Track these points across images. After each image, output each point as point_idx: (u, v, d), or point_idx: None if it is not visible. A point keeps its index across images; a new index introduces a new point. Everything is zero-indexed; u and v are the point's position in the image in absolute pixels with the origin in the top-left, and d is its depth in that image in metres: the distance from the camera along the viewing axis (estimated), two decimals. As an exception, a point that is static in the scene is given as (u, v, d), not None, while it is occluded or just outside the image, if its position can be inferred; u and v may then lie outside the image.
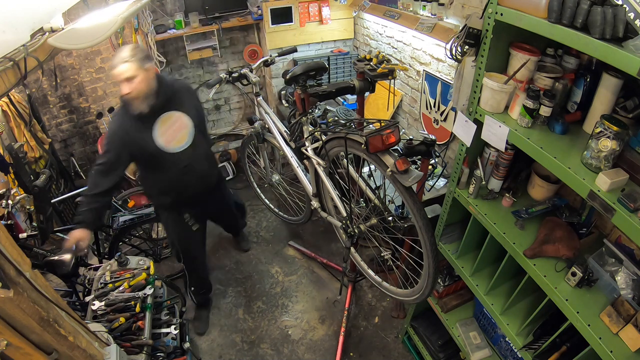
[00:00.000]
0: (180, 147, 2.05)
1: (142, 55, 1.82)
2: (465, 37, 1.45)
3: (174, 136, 2.01)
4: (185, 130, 2.05)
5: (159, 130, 1.96)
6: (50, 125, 3.64)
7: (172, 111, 1.99)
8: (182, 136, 2.04)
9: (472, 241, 1.71)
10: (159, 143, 1.97)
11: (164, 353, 1.75)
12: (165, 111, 1.96)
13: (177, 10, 3.58)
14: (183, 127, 2.04)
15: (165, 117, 1.97)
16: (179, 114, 2.01)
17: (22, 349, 1.06)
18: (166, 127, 1.98)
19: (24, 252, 1.10)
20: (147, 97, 1.87)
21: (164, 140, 1.97)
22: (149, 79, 1.85)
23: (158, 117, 1.95)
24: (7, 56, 1.29)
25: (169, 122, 1.99)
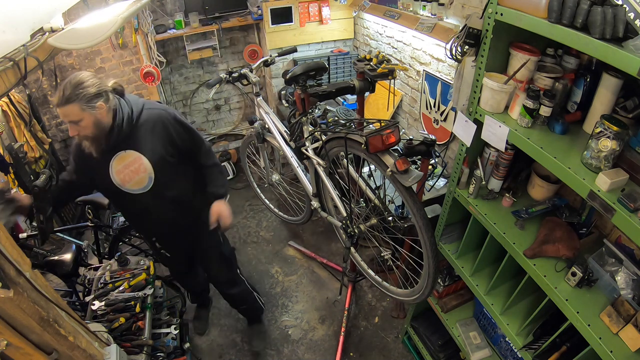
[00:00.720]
0: (138, 190, 1.76)
1: (90, 93, 1.50)
2: (465, 37, 1.45)
3: (132, 177, 1.73)
4: (143, 174, 1.73)
5: (115, 168, 1.70)
6: (50, 125, 3.64)
7: (130, 150, 1.69)
8: (140, 179, 1.74)
9: (472, 241, 1.71)
10: (115, 181, 1.72)
11: (164, 353, 1.75)
12: (122, 149, 1.68)
13: (177, 10, 3.59)
14: (141, 170, 1.72)
15: (122, 156, 1.69)
16: (137, 155, 1.69)
17: (22, 349, 1.06)
18: (122, 166, 1.71)
19: (24, 252, 1.10)
20: (95, 140, 1.61)
21: (120, 179, 1.72)
22: (99, 120, 1.56)
23: (114, 154, 1.68)
24: (7, 56, 1.29)
25: (125, 161, 1.70)
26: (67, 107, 1.49)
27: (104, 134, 1.62)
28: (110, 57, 3.64)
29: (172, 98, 4.12)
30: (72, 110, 1.50)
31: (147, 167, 1.73)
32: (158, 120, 1.74)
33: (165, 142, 1.74)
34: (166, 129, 1.74)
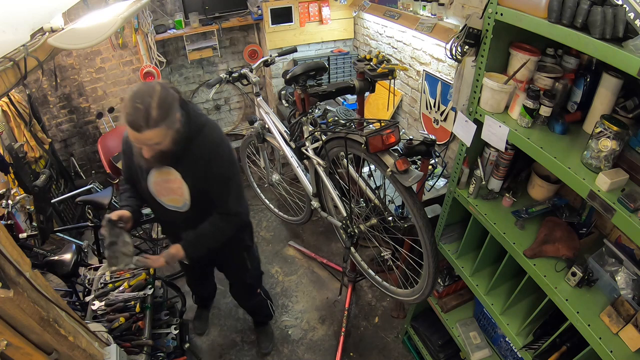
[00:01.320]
0: (171, 206, 1.66)
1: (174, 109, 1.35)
2: (465, 37, 1.45)
3: (167, 193, 1.63)
4: (180, 197, 1.61)
5: (154, 179, 1.60)
6: (50, 125, 3.64)
7: (172, 169, 1.54)
8: (176, 199, 1.63)
9: (472, 241, 1.71)
10: (150, 188, 1.63)
11: (164, 353, 1.75)
12: (165, 165, 1.53)
13: (177, 10, 3.59)
14: (178, 192, 1.60)
15: (163, 171, 1.56)
16: (178, 176, 1.55)
17: (22, 349, 1.07)
18: (161, 180, 1.59)
19: (24, 252, 1.10)
20: (163, 158, 1.46)
21: (156, 190, 1.63)
22: (176, 134, 1.41)
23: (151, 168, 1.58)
24: (7, 56, 1.29)
25: (165, 177, 1.58)
26: (155, 130, 1.29)
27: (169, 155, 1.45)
28: (110, 57, 3.64)
29: (172, 98, 4.12)
30: (158, 134, 1.32)
31: (184, 193, 1.59)
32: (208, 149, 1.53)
33: (202, 176, 1.56)
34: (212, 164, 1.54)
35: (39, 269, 1.69)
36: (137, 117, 1.26)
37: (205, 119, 1.57)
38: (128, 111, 1.27)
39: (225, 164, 1.58)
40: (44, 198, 2.24)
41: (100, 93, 3.78)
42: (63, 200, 3.04)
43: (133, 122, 1.27)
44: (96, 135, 3.90)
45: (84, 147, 3.96)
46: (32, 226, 2.50)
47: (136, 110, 1.26)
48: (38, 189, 2.12)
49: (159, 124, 1.29)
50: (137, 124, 1.27)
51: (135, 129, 1.28)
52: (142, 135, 1.30)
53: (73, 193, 3.02)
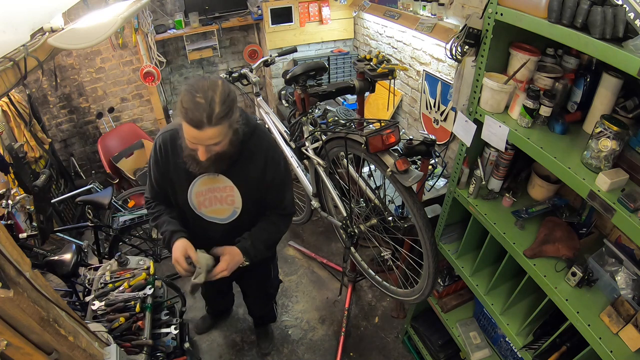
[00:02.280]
0: (212, 218, 1.53)
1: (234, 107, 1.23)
2: (465, 37, 1.45)
3: (212, 204, 1.49)
4: (229, 206, 1.49)
5: (197, 188, 1.46)
6: (50, 125, 3.64)
7: (222, 176, 1.43)
8: (222, 210, 1.50)
9: (472, 241, 1.71)
10: (190, 200, 1.48)
11: (164, 353, 1.75)
12: (213, 172, 1.40)
13: (177, 10, 3.59)
14: (228, 201, 1.48)
15: (210, 179, 1.43)
16: (229, 184, 1.44)
17: (22, 349, 1.06)
18: (206, 189, 1.46)
19: (24, 252, 1.10)
20: (220, 161, 1.34)
21: (197, 202, 1.48)
22: (232, 141, 1.30)
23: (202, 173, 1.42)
24: (7, 56, 1.29)
25: (211, 185, 1.45)
26: (218, 127, 1.17)
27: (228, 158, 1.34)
28: (110, 57, 3.64)
29: (172, 98, 4.12)
30: (219, 132, 1.20)
31: (236, 200, 1.48)
32: (264, 153, 1.44)
33: (259, 180, 1.46)
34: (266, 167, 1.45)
35: (39, 269, 1.69)
36: (199, 112, 1.13)
37: (255, 121, 1.49)
38: (188, 106, 1.14)
39: (282, 166, 1.52)
40: (44, 198, 2.25)
41: (100, 93, 3.78)
42: (63, 200, 3.04)
43: (194, 118, 1.14)
44: (96, 135, 3.91)
45: (84, 147, 3.96)
46: (32, 226, 2.50)
47: (197, 105, 1.13)
48: (38, 189, 2.13)
49: (221, 121, 1.17)
50: (199, 120, 1.14)
51: (196, 125, 1.15)
52: (202, 133, 1.17)
53: (73, 193, 3.02)
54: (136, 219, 2.56)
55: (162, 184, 1.52)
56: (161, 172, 1.48)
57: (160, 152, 1.44)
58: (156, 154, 1.46)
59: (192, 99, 1.15)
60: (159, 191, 1.56)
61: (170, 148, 1.42)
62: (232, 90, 1.24)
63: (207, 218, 1.54)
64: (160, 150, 1.44)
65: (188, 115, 1.15)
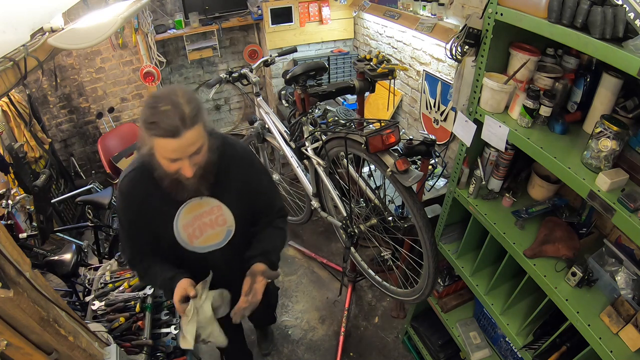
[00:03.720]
0: (208, 246, 1.39)
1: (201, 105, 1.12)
2: (465, 37, 1.45)
3: (203, 231, 1.36)
4: (221, 227, 1.37)
5: (183, 220, 1.31)
6: (50, 125, 3.64)
7: (208, 197, 1.31)
8: (215, 234, 1.38)
9: (472, 241, 1.71)
10: (179, 236, 1.33)
11: (164, 353, 1.75)
12: (197, 195, 1.28)
13: (177, 10, 3.59)
14: (219, 222, 1.36)
15: (195, 205, 1.30)
16: (216, 203, 1.33)
17: (22, 349, 1.06)
18: (193, 218, 1.32)
19: (24, 252, 1.10)
20: (206, 176, 1.23)
21: (187, 235, 1.34)
22: (210, 147, 1.20)
23: (186, 200, 1.29)
24: (7, 56, 1.29)
25: (198, 211, 1.32)
26: (195, 129, 1.07)
27: (211, 170, 1.23)
28: (110, 57, 3.64)
29: (172, 98, 4.12)
30: (198, 134, 1.09)
31: (227, 219, 1.37)
32: (241, 161, 1.36)
33: (241, 189, 1.37)
34: (246, 169, 1.37)
35: (39, 269, 1.69)
36: (171, 119, 1.03)
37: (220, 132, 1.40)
38: (155, 120, 1.03)
39: (261, 168, 1.45)
40: (44, 198, 2.25)
41: (100, 93, 3.78)
42: (63, 200, 3.04)
43: (168, 128, 1.03)
44: (96, 135, 3.91)
45: (84, 147, 3.96)
46: (32, 226, 2.51)
47: (165, 113, 1.03)
48: (38, 189, 2.13)
49: (196, 120, 1.07)
50: (174, 127, 1.03)
51: (173, 134, 1.04)
52: (181, 141, 1.06)
53: (73, 193, 3.02)
54: (136, 219, 2.56)
55: (141, 232, 1.35)
56: (137, 218, 1.32)
57: (130, 195, 1.29)
58: (126, 200, 1.30)
59: (157, 111, 1.04)
60: (139, 243, 1.38)
61: (140, 186, 1.26)
62: (194, 92, 1.17)
63: (202, 250, 1.38)
64: (130, 193, 1.28)
65: (160, 128, 1.04)
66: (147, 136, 1.07)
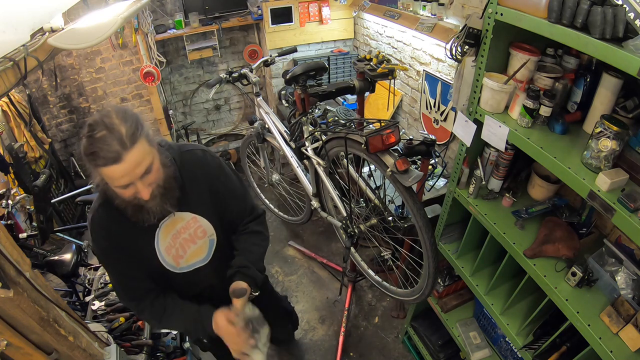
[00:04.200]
0: (196, 263, 1.34)
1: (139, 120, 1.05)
2: (465, 37, 1.45)
3: (186, 248, 1.31)
4: (202, 239, 1.32)
5: (162, 243, 1.26)
6: (50, 125, 3.64)
7: (180, 212, 1.25)
8: (198, 248, 1.33)
9: (472, 241, 1.71)
10: (164, 261, 1.28)
11: (164, 353, 1.75)
12: (169, 212, 1.22)
13: (177, 10, 3.59)
14: (199, 234, 1.31)
15: (170, 222, 1.25)
16: (190, 216, 1.28)
17: (22, 349, 1.07)
18: (172, 237, 1.27)
19: (24, 252, 1.10)
20: (168, 193, 1.16)
21: (172, 258, 1.29)
22: (163, 162, 1.14)
23: (159, 222, 1.23)
24: (7, 56, 1.29)
25: (176, 228, 1.27)
26: (136, 147, 1.00)
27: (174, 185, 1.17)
28: (110, 57, 3.64)
29: (172, 98, 4.12)
30: (142, 151, 1.02)
31: (206, 229, 1.32)
32: (203, 166, 1.30)
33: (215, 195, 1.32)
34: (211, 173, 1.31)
35: (39, 269, 1.69)
36: (108, 144, 0.96)
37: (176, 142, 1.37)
38: (93, 150, 0.96)
39: (228, 171, 1.39)
40: (44, 198, 2.25)
41: (100, 93, 3.78)
42: (63, 200, 3.04)
43: (108, 155, 0.96)
44: (96, 135, 3.90)
45: (84, 147, 3.96)
46: (32, 226, 2.51)
47: (101, 140, 0.96)
48: (38, 189, 2.13)
49: (135, 138, 1.00)
50: (114, 152, 0.96)
51: (114, 159, 0.97)
52: (125, 165, 0.98)
53: (73, 193, 3.01)
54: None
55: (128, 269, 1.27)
56: (119, 255, 1.24)
57: (103, 233, 1.21)
58: (100, 240, 1.22)
59: (93, 140, 0.97)
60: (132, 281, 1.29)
61: (110, 222, 1.19)
62: (129, 108, 1.07)
63: (188, 269, 1.33)
64: (103, 230, 1.21)
65: (101, 158, 0.96)
66: (92, 168, 1.01)
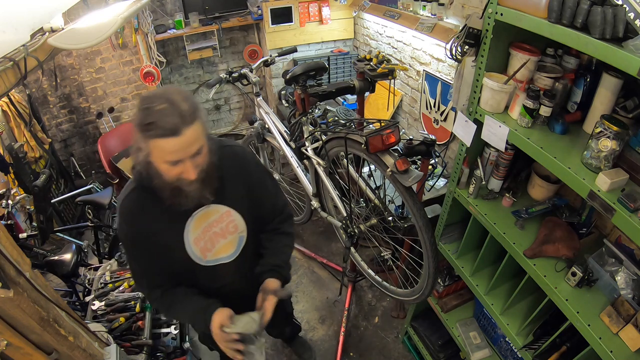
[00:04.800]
0: (222, 258, 1.32)
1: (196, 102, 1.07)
2: (465, 37, 1.45)
3: (215, 242, 1.28)
4: (233, 235, 1.31)
5: (193, 233, 1.24)
6: (50, 125, 3.64)
7: (215, 204, 1.24)
8: (227, 244, 1.31)
9: (472, 241, 1.71)
10: (191, 252, 1.26)
11: (164, 353, 1.75)
12: (204, 204, 1.21)
13: (177, 10, 3.59)
14: (230, 229, 1.29)
15: (204, 214, 1.23)
16: (225, 209, 1.26)
17: (22, 349, 1.07)
18: (203, 229, 1.25)
19: (24, 252, 1.10)
20: (208, 180, 1.14)
21: (199, 250, 1.26)
22: (210, 148, 1.13)
23: (192, 212, 1.22)
24: (7, 56, 1.29)
25: (208, 220, 1.25)
26: (195, 126, 1.01)
27: (214, 171, 1.15)
28: (110, 57, 3.64)
29: (172, 98, 4.12)
30: (198, 131, 1.03)
31: (238, 225, 1.30)
32: (242, 162, 1.30)
33: (250, 192, 1.31)
34: (246, 169, 1.30)
35: (39, 269, 1.69)
36: (169, 117, 0.97)
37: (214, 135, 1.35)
38: (153, 120, 0.97)
39: (263, 168, 1.39)
40: (44, 198, 2.25)
41: (100, 93, 3.78)
42: (63, 200, 3.04)
43: (167, 126, 0.97)
44: (96, 135, 3.91)
45: (84, 147, 3.96)
46: (32, 226, 2.51)
47: (163, 112, 0.97)
48: (38, 189, 2.13)
49: (194, 117, 1.01)
50: (173, 125, 0.97)
51: (173, 132, 0.97)
52: (182, 139, 0.99)
53: (73, 193, 3.02)
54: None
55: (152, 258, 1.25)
56: (145, 241, 1.22)
57: (133, 218, 1.19)
58: (130, 223, 1.20)
59: (153, 111, 0.98)
60: (155, 272, 1.28)
61: (143, 206, 1.18)
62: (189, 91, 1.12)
63: (212, 263, 1.31)
64: (133, 215, 1.19)
65: (159, 127, 0.97)
66: (144, 140, 1.01)
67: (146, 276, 1.30)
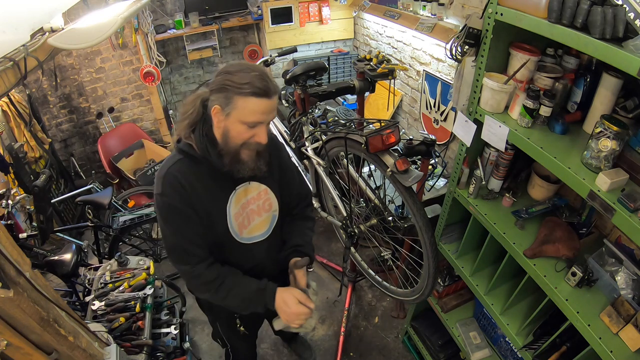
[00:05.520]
0: (255, 237, 1.35)
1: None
2: (465, 37, 1.45)
3: (251, 219, 1.32)
4: (267, 213, 1.35)
5: (234, 208, 1.26)
6: (50, 125, 3.64)
7: (254, 182, 1.28)
8: (262, 222, 1.35)
9: (472, 241, 1.71)
10: (231, 227, 1.27)
11: (164, 353, 1.75)
12: (244, 181, 1.26)
13: (177, 10, 3.59)
14: (265, 207, 1.34)
15: (242, 191, 1.27)
16: (262, 187, 1.31)
17: (22, 349, 1.06)
18: (242, 205, 1.28)
19: (24, 252, 1.10)
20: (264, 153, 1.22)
21: (237, 225, 1.28)
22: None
23: (234, 187, 1.25)
24: (7, 56, 1.29)
25: (247, 197, 1.29)
26: (276, 97, 1.14)
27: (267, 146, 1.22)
28: (110, 57, 3.64)
29: (172, 98, 4.12)
30: (276, 105, 1.18)
31: (273, 203, 1.35)
32: (277, 146, 1.38)
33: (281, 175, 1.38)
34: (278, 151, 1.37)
35: (39, 269, 1.69)
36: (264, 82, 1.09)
37: None
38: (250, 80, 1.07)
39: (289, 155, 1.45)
40: (44, 198, 2.25)
41: (100, 93, 3.78)
42: (63, 200, 3.04)
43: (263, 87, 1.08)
44: (96, 135, 3.91)
45: (84, 147, 3.96)
46: (32, 226, 2.51)
47: (258, 77, 1.09)
48: (38, 189, 2.13)
49: (278, 94, 1.16)
50: (267, 88, 1.09)
51: (266, 94, 1.09)
52: (271, 102, 1.12)
53: (73, 193, 3.02)
54: (136, 219, 2.56)
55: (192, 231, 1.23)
56: (186, 213, 1.19)
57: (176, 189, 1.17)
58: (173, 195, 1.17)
59: (248, 75, 1.09)
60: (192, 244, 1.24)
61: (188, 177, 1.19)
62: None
63: (247, 241, 1.33)
64: (176, 185, 1.17)
65: (255, 87, 1.07)
66: (233, 97, 1.08)
67: (183, 252, 1.24)
